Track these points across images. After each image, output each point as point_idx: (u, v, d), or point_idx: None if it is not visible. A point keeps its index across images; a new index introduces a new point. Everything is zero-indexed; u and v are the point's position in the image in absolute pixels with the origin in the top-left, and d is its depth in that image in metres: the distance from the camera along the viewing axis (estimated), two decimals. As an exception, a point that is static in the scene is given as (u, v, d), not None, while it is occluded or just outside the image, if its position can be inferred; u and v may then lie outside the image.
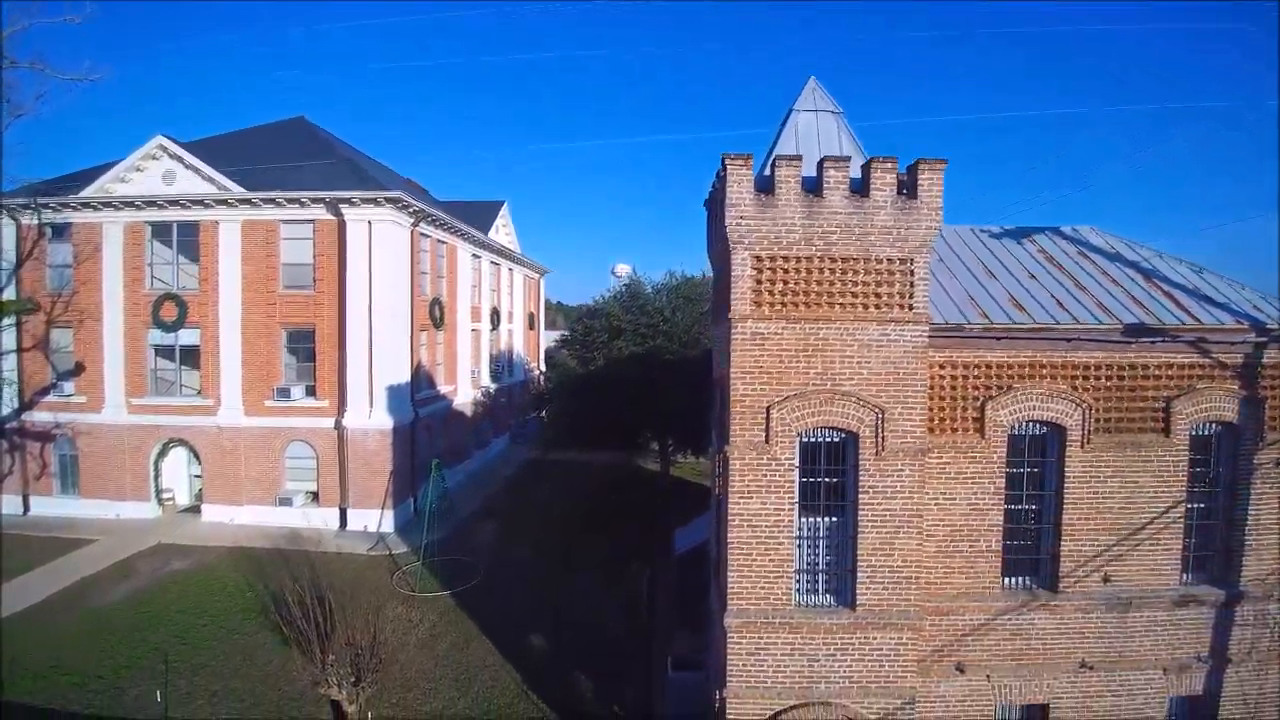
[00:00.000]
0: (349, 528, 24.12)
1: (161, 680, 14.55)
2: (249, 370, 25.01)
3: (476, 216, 35.57)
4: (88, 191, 24.84)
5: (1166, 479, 10.82)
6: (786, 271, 9.91)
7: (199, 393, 25.80)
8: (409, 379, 26.22)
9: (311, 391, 25.13)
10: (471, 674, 16.16)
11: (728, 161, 9.74)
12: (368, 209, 24.15)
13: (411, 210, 25.68)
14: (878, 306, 9.94)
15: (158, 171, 24.90)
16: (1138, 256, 12.62)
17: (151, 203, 24.57)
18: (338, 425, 24.65)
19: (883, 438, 9.94)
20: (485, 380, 36.55)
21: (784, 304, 9.94)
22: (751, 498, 10.05)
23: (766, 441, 9.96)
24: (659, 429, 28.21)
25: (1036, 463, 10.96)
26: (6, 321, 24.62)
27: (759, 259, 9.90)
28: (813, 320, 9.95)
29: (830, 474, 10.28)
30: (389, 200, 24.16)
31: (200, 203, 24.49)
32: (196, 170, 24.72)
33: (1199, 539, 11.23)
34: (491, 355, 38.24)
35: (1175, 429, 10.78)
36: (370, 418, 24.50)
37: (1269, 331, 10.74)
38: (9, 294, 22.11)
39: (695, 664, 14.62)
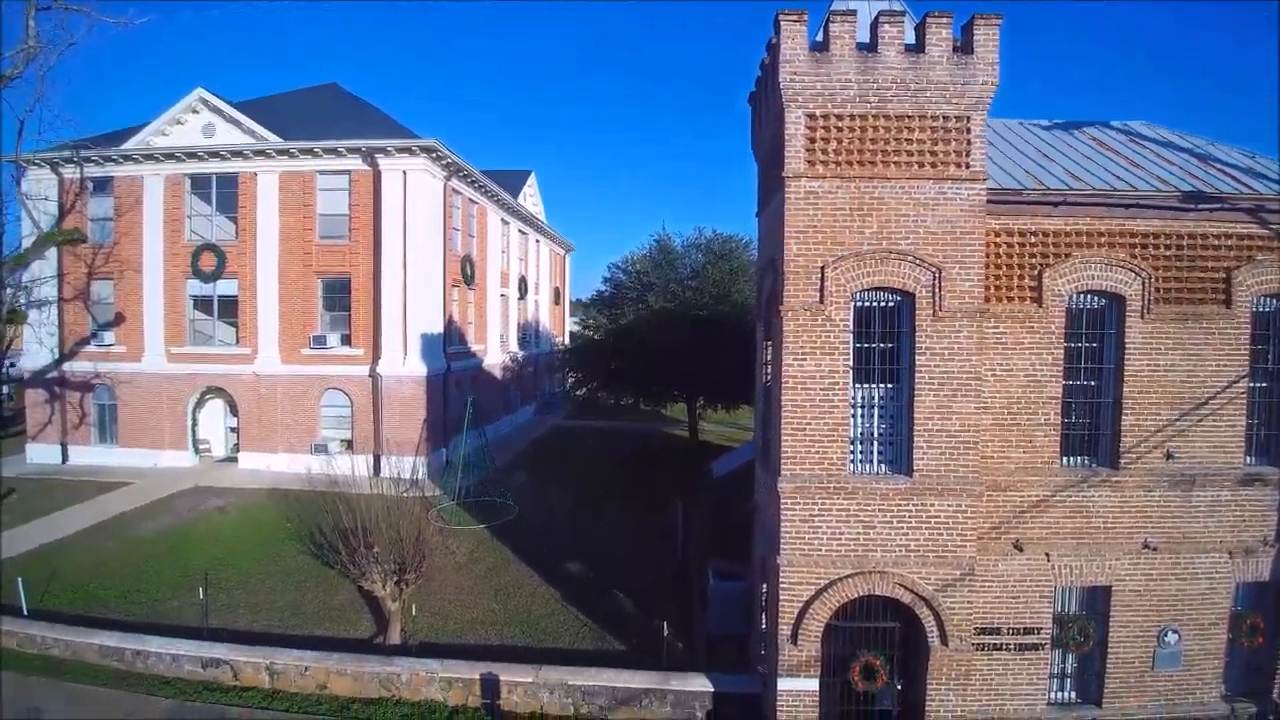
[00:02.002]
0: (383, 475, 24.19)
1: (202, 594, 14.60)
2: (285, 319, 25.29)
3: (504, 185, 35.73)
4: (129, 145, 25.33)
5: (1229, 352, 10.56)
6: (840, 130, 9.82)
7: (236, 342, 26.13)
8: (441, 330, 26.38)
9: (347, 340, 25.37)
10: (510, 590, 16.14)
11: (782, 18, 9.67)
12: (403, 159, 24.39)
13: (445, 163, 25.90)
14: (934, 164, 9.81)
15: (197, 125, 25.35)
16: (1189, 144, 12.41)
17: (192, 154, 24.99)
18: (372, 373, 24.83)
19: (940, 298, 9.79)
20: (513, 346, 36.67)
21: (838, 162, 9.84)
22: (805, 359, 9.93)
23: (821, 302, 9.85)
24: (688, 384, 28.05)
25: (1095, 336, 10.74)
26: (50, 271, 25.12)
27: (812, 117, 9.82)
28: (867, 179, 9.85)
29: (885, 339, 10.14)
30: (423, 150, 24.39)
31: (239, 154, 24.86)
32: (237, 124, 25.14)
33: (1264, 419, 10.93)
34: (519, 323, 38.39)
35: (1236, 300, 10.53)
36: (404, 365, 24.65)
37: (1331, 201, 10.49)
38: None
39: (737, 575, 14.48)
